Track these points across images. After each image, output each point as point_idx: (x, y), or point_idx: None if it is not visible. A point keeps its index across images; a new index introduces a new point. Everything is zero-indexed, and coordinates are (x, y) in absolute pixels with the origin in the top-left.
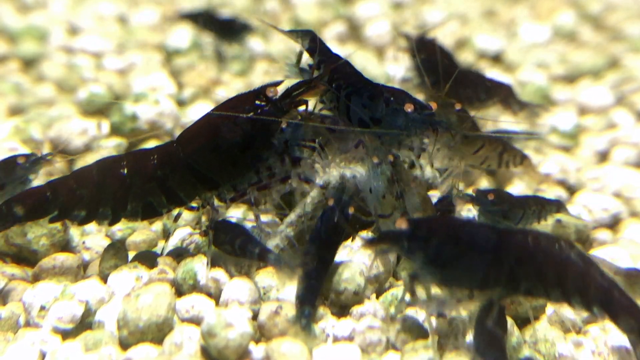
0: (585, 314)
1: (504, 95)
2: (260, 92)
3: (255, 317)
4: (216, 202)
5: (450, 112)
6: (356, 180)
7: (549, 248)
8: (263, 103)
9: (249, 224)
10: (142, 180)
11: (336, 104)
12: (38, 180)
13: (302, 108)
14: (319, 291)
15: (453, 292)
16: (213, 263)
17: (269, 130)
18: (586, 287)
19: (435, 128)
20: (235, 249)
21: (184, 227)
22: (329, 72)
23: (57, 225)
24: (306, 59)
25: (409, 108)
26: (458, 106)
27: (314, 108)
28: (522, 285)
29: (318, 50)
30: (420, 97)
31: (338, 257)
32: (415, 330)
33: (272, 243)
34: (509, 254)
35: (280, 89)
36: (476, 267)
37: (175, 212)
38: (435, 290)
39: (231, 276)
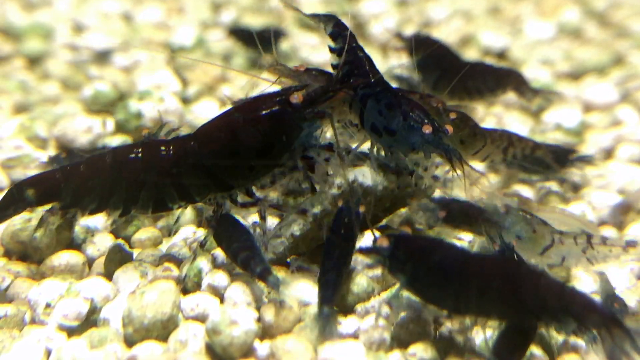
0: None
1: (516, 83)
2: (283, 96)
3: (259, 316)
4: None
5: (446, 122)
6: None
7: (503, 273)
8: (288, 109)
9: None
10: (156, 176)
11: (350, 102)
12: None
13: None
14: (338, 286)
15: (433, 310)
16: (215, 261)
17: (289, 137)
18: (546, 299)
19: (450, 157)
20: (237, 261)
21: (189, 225)
22: (354, 81)
23: (62, 221)
24: (329, 57)
25: (427, 130)
26: (453, 115)
27: None
28: (490, 310)
29: (346, 49)
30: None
31: None
32: (420, 330)
33: (277, 241)
34: (471, 285)
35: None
36: (446, 294)
37: (179, 211)
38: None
39: (232, 276)
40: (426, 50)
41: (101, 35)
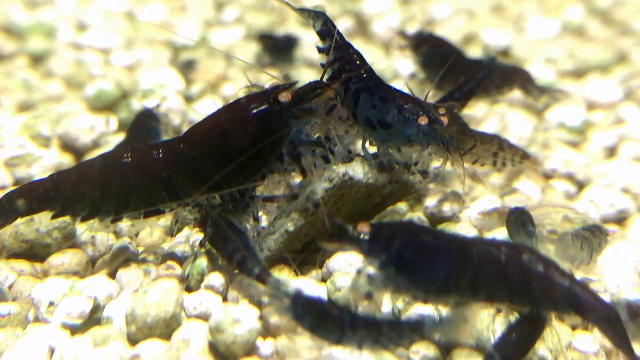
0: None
1: (523, 81)
2: (271, 95)
3: (262, 314)
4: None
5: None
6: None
7: (510, 255)
8: (277, 107)
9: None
10: (146, 181)
11: (342, 96)
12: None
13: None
14: None
15: (409, 297)
16: (217, 260)
17: (279, 136)
18: (550, 289)
19: (447, 147)
20: (233, 262)
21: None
22: (345, 77)
23: (67, 218)
24: (318, 57)
25: (422, 121)
26: (442, 111)
27: None
28: (483, 292)
29: (333, 45)
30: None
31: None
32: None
33: (271, 239)
34: (472, 261)
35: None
36: (436, 272)
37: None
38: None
39: (233, 274)
40: (429, 48)
41: (104, 34)
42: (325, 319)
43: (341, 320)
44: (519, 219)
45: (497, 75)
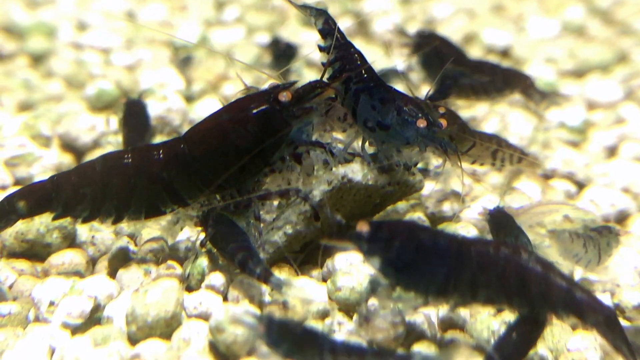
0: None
1: (524, 86)
2: (271, 94)
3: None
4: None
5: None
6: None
7: (509, 256)
8: (277, 107)
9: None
10: (146, 181)
11: (343, 96)
12: (42, 175)
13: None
14: None
15: (408, 296)
16: (217, 260)
17: (279, 135)
18: (548, 291)
19: (445, 150)
20: (235, 262)
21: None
22: (345, 77)
23: (68, 219)
24: (319, 56)
25: (421, 124)
26: (442, 110)
27: None
28: (482, 293)
29: (334, 44)
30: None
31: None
32: (419, 331)
33: (271, 240)
34: (470, 262)
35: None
36: (435, 273)
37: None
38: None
39: (234, 274)
40: (430, 47)
41: (104, 33)
42: (303, 345)
43: (320, 347)
44: (503, 224)
45: (499, 77)
